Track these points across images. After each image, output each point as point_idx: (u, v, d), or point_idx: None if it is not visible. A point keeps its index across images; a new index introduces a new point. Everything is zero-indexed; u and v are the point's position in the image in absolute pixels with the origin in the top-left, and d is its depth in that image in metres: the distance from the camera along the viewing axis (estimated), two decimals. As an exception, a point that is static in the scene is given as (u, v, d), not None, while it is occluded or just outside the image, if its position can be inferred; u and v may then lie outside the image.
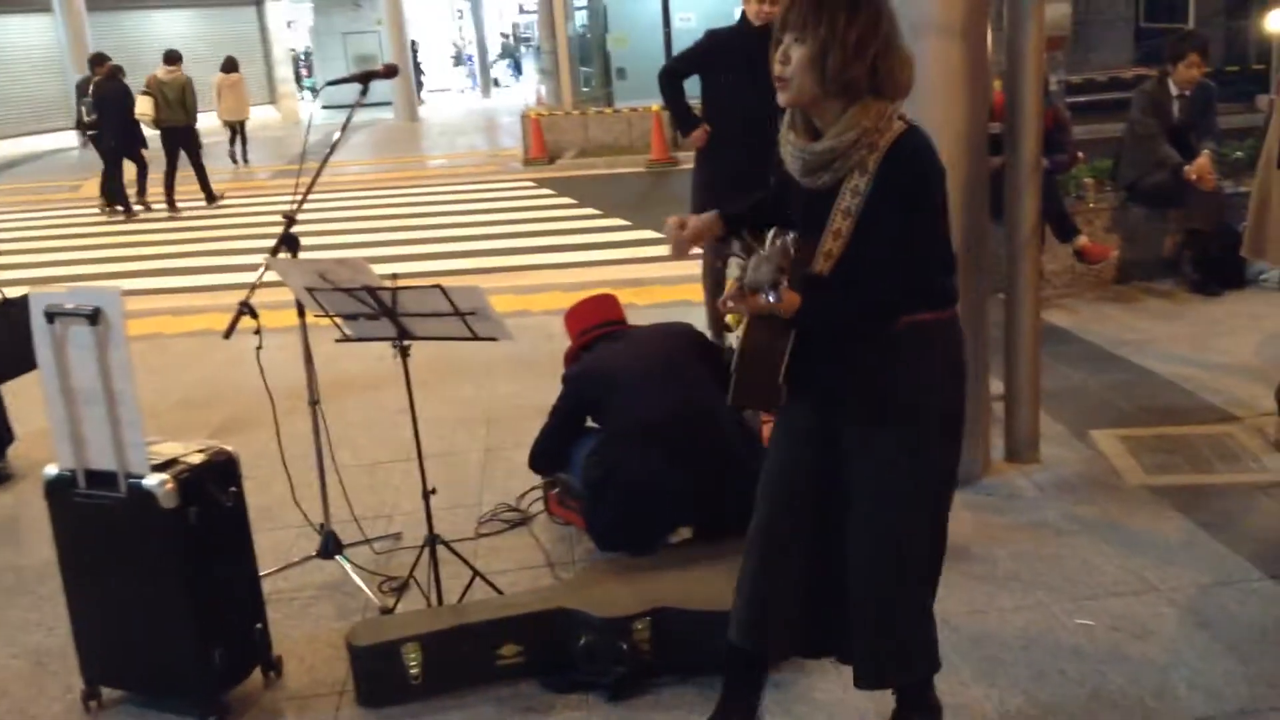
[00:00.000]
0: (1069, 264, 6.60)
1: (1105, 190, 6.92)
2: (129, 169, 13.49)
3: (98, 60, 13.58)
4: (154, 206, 13.81)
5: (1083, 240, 6.35)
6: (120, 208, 13.39)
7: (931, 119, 3.77)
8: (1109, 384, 5.08)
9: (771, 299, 2.17)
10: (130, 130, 13.35)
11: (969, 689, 2.91)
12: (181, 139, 13.81)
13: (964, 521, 3.81)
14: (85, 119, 13.60)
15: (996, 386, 4.28)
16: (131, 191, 13.67)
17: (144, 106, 13.66)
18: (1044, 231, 5.92)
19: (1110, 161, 7.05)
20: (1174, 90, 6.56)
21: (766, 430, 4.04)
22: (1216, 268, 6.44)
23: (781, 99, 2.30)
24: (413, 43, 32.33)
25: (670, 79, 5.65)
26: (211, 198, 13.84)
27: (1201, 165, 6.28)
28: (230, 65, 17.48)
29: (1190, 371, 5.15)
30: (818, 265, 2.29)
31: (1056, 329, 5.87)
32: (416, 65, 32.23)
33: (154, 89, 13.77)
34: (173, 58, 14.14)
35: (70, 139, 22.42)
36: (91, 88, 13.51)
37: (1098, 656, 3.03)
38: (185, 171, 13.78)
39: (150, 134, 13.82)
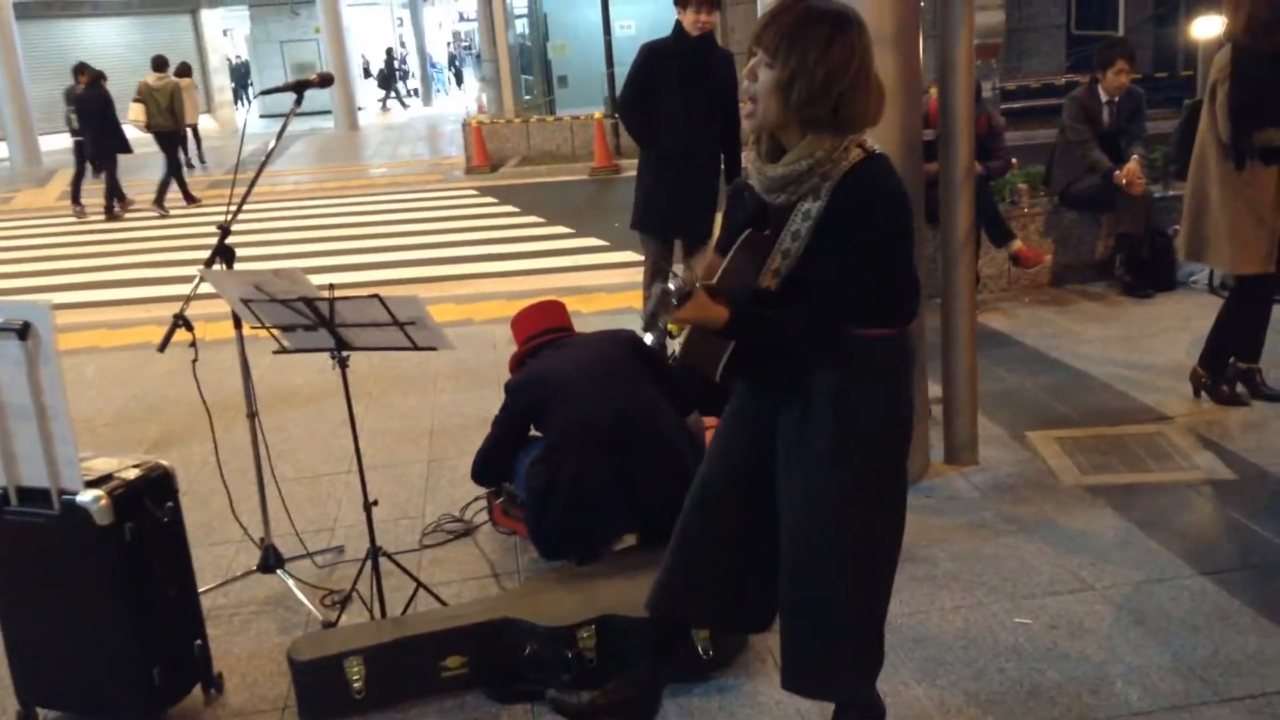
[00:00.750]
0: (1004, 268, 6.72)
1: (1038, 195, 7.06)
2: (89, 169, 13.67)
3: (80, 69, 13.69)
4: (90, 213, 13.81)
5: (1017, 245, 6.46)
6: (114, 204, 13.76)
7: (867, 126, 3.84)
8: (1045, 386, 5.17)
9: (648, 339, 2.24)
10: (110, 134, 13.47)
11: (910, 689, 2.95)
12: (168, 143, 14.28)
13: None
14: (73, 125, 13.85)
15: (934, 390, 4.34)
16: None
17: (135, 113, 14.13)
18: (979, 236, 6.02)
19: (1043, 167, 7.18)
20: (1104, 96, 6.69)
21: (709, 436, 4.08)
22: (1148, 270, 6.60)
23: (747, 124, 2.33)
24: (389, 50, 32.15)
25: (628, 110, 5.67)
26: (161, 206, 13.78)
27: (1131, 170, 6.42)
28: (184, 70, 17.42)
29: (1124, 372, 5.26)
30: (765, 281, 2.32)
31: (993, 332, 5.96)
32: (395, 72, 32.18)
33: (145, 95, 14.23)
34: (160, 64, 14.79)
35: (3, 150, 21.97)
36: (73, 95, 13.72)
37: (1036, 654, 3.08)
38: (123, 180, 13.59)
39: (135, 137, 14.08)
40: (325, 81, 3.69)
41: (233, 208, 3.45)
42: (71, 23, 25.40)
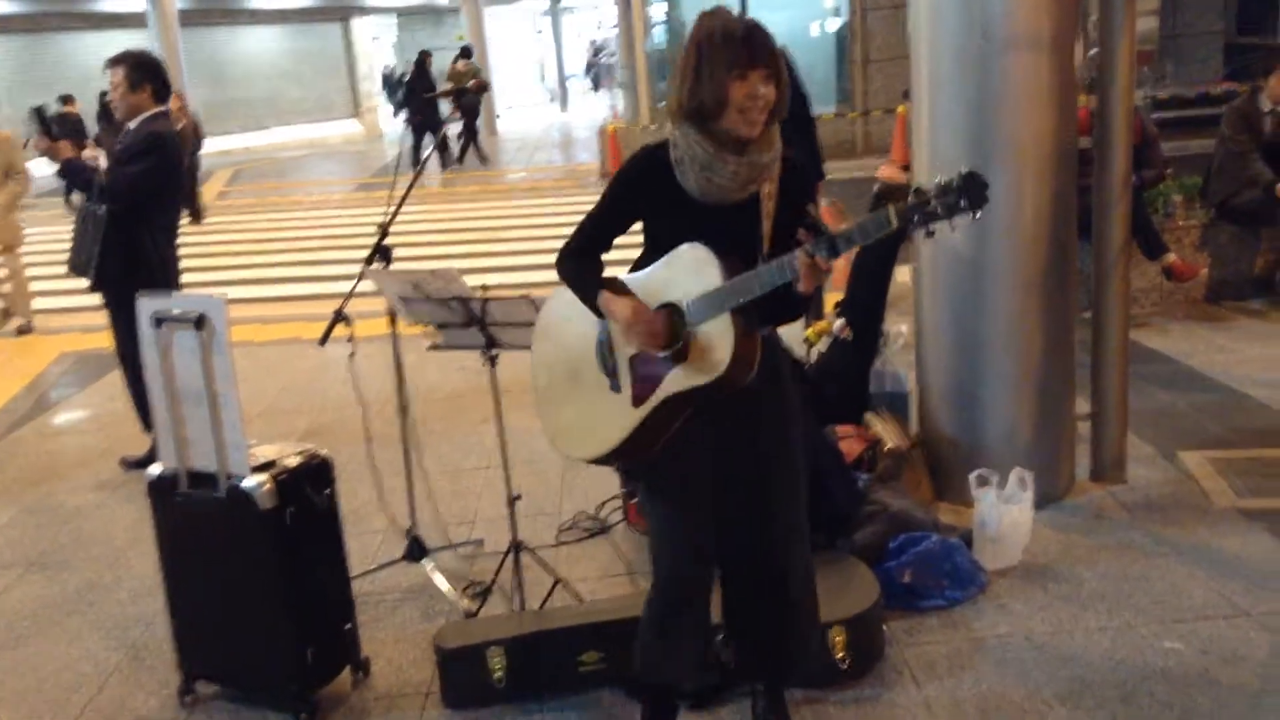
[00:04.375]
0: (1157, 282, 6.48)
1: (1194, 207, 6.80)
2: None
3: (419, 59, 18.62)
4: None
5: (1171, 258, 6.25)
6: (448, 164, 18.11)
7: (1020, 133, 3.78)
8: (1198, 405, 4.99)
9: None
10: (432, 111, 17.55)
11: (1054, 709, 2.88)
12: (472, 116, 18.56)
13: (1049, 540, 3.77)
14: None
15: (1082, 406, 4.23)
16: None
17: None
18: (1131, 248, 5.83)
19: (1199, 178, 6.93)
20: (1266, 106, 6.43)
21: (845, 445, 4.06)
22: (1311, 288, 6.30)
23: (754, 131, 2.40)
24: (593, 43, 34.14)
25: None
26: (484, 159, 18.71)
27: (1295, 183, 6.16)
28: (467, 53, 19.81)
29: (1283, 394, 5.04)
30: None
31: (1143, 348, 5.77)
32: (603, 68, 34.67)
33: (454, 78, 18.14)
34: (467, 53, 19.34)
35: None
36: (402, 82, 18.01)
37: (1187, 680, 2.97)
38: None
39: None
40: (482, 88, 3.80)
41: (391, 208, 3.57)
42: (230, 30, 26.49)
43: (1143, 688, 2.95)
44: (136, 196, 4.72)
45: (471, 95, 3.87)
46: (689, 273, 2.43)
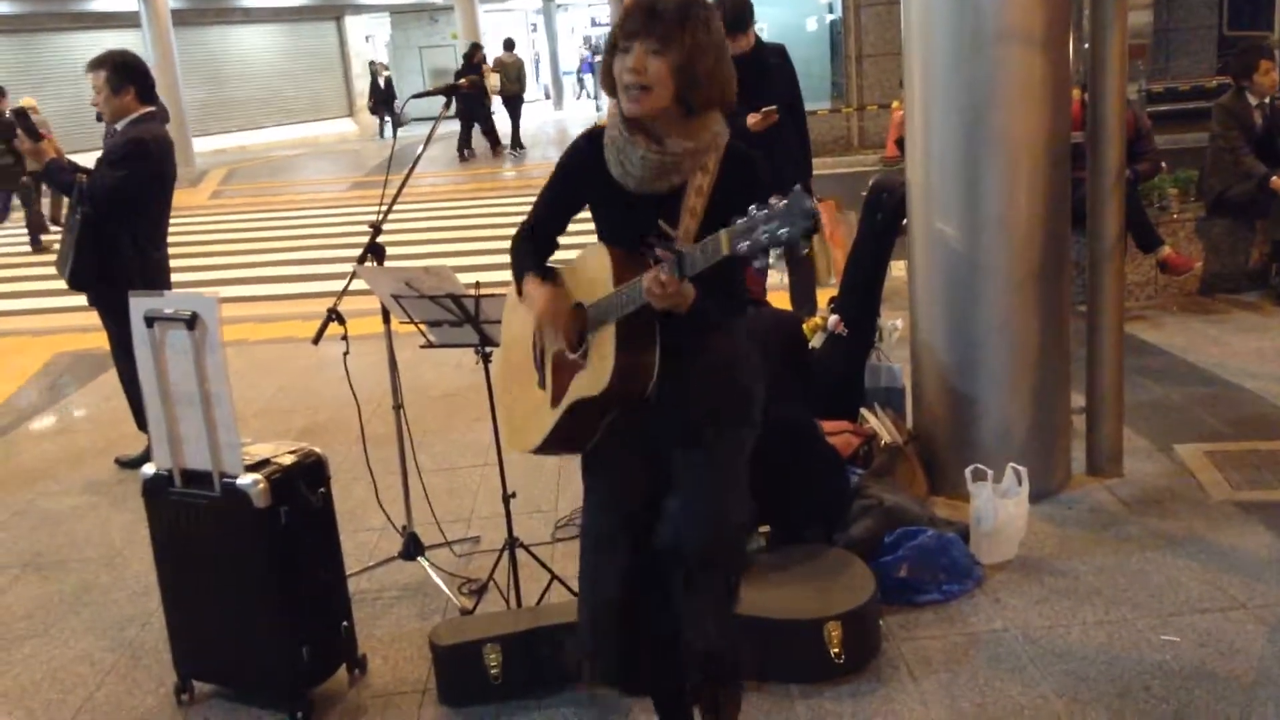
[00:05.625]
0: (1151, 275, 6.50)
1: (1189, 201, 6.81)
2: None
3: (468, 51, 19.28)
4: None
5: (1166, 251, 6.26)
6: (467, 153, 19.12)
7: (1013, 128, 3.78)
8: (1193, 398, 4.99)
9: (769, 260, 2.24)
10: (474, 103, 18.05)
11: (1050, 704, 2.88)
12: (516, 104, 19.57)
13: (1045, 534, 3.78)
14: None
15: (1077, 399, 4.23)
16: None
17: (494, 81, 18.89)
18: (1125, 242, 5.84)
19: (1194, 172, 6.94)
20: (1253, 100, 6.47)
21: (840, 440, 4.06)
22: (1306, 280, 6.32)
23: (637, 109, 2.24)
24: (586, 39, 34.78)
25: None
26: (518, 146, 19.46)
27: (1289, 175, 6.17)
28: (509, 44, 20.59)
29: (1278, 386, 5.04)
30: None
31: (1138, 341, 5.77)
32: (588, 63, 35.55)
33: (499, 68, 19.31)
34: (510, 45, 20.12)
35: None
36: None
37: (1184, 673, 2.98)
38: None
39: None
40: (473, 86, 3.79)
41: (383, 207, 3.57)
42: (223, 29, 26.44)
43: (1139, 681, 2.95)
44: (115, 202, 4.70)
45: (474, 91, 3.85)
46: (591, 273, 2.31)
